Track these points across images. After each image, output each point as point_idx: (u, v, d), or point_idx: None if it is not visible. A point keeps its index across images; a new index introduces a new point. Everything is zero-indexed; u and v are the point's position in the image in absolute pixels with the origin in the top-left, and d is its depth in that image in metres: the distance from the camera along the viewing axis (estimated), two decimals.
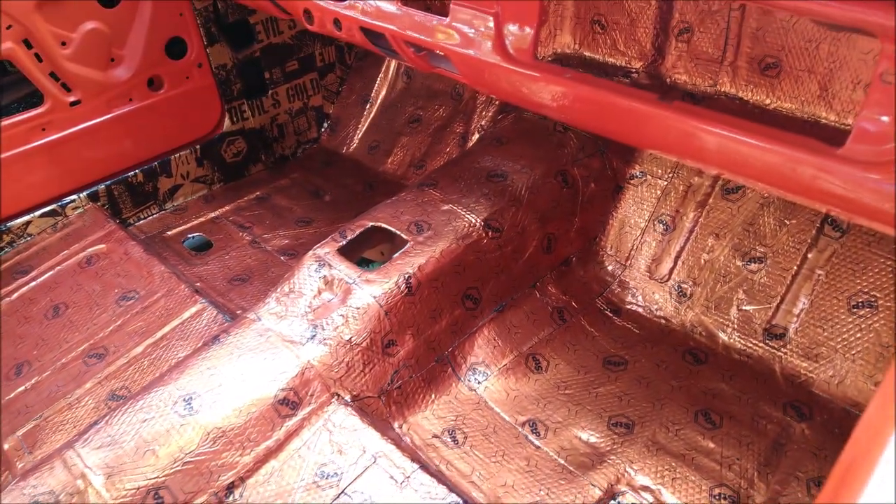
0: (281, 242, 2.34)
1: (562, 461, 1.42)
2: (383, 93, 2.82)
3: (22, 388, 1.68)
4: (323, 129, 2.93)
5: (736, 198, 1.67)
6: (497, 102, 2.32)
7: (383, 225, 1.71)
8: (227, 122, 2.64)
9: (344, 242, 1.68)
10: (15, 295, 2.00)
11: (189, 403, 1.34)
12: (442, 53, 1.33)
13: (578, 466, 1.41)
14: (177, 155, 2.52)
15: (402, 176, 2.58)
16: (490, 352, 1.66)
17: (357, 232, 1.70)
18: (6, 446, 1.53)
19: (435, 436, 1.50)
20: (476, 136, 2.37)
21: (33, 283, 2.03)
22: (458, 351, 1.64)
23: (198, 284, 1.96)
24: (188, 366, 1.43)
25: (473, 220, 1.67)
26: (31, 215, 2.24)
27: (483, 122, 2.36)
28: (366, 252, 1.81)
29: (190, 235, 2.42)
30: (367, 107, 2.84)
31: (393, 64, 2.79)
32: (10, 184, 2.17)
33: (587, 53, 1.81)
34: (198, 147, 2.57)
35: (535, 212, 1.75)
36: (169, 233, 2.42)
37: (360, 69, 2.88)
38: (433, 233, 1.65)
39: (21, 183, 2.20)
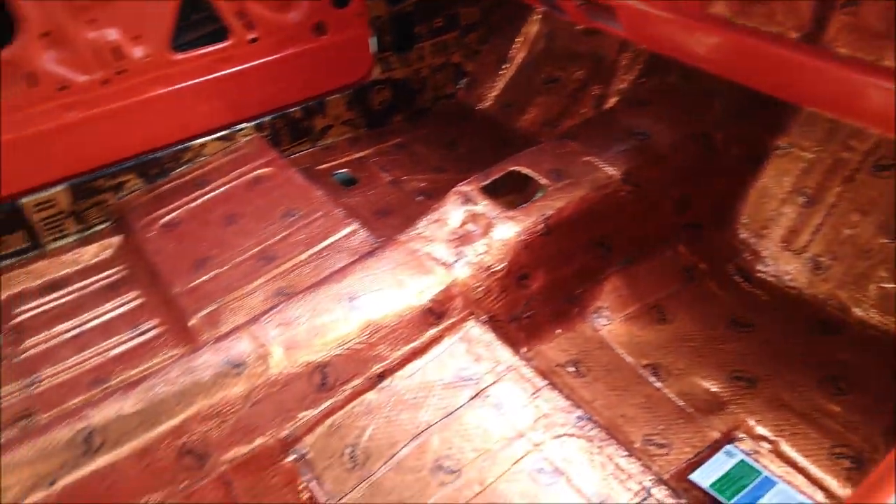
0: (418, 185, 2.53)
1: (681, 403, 1.53)
2: (523, 53, 2.93)
3: (203, 278, 1.97)
4: (459, 85, 3.08)
5: (888, 174, 1.68)
6: (639, 66, 2.39)
7: (524, 170, 1.85)
8: (377, 71, 2.83)
9: (487, 182, 1.84)
10: (194, 203, 2.30)
11: (351, 300, 1.55)
12: (605, 5, 1.43)
13: (698, 410, 1.51)
14: (332, 97, 2.75)
15: (536, 134, 2.71)
16: (616, 299, 1.78)
17: (499, 174, 1.85)
18: (192, 322, 1.82)
19: (559, 365, 1.65)
20: (614, 99, 2.46)
21: (210, 195, 2.33)
22: (586, 293, 1.77)
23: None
24: (350, 271, 1.65)
25: (612, 173, 1.79)
26: (208, 138, 2.53)
27: (623, 86, 2.44)
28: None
29: (338, 171, 2.66)
30: (506, 66, 2.96)
31: (535, 26, 2.90)
32: (193, 107, 2.47)
33: (740, 22, 1.85)
34: (349, 92, 2.79)
35: (673, 172, 1.84)
36: (319, 167, 2.67)
37: (502, 30, 3.00)
38: (572, 181, 1.78)
39: (201, 108, 2.50)
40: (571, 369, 1.64)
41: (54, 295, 2.21)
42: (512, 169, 1.87)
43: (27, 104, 2.16)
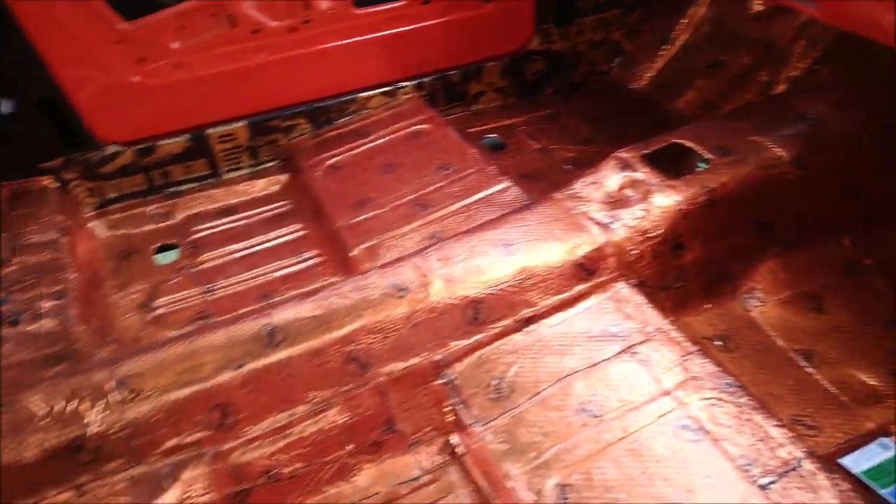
0: (566, 154, 2.57)
1: (834, 390, 1.50)
2: (686, 35, 2.89)
3: (364, 216, 2.12)
4: (614, 63, 3.07)
5: None
6: (815, 53, 2.30)
7: (687, 142, 1.85)
8: (534, 42, 2.88)
9: (648, 151, 1.85)
10: (358, 150, 2.46)
11: (506, 246, 1.63)
12: None
13: (852, 399, 1.48)
14: (489, 64, 2.83)
15: (692, 116, 2.67)
16: (771, 281, 1.76)
17: (661, 144, 1.86)
18: (354, 253, 1.97)
19: (705, 338, 1.66)
20: (783, 86, 2.38)
21: (371, 144, 2.48)
22: (741, 272, 1.76)
23: None
24: (506, 221, 1.73)
25: (780, 154, 1.76)
26: (372, 92, 2.68)
27: (794, 74, 2.36)
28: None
29: (487, 135, 2.74)
30: (666, 47, 2.93)
31: (702, 9, 2.84)
32: (364, 62, 2.62)
33: None
34: (506, 60, 2.85)
35: (846, 160, 1.78)
36: (469, 130, 2.76)
37: (666, 11, 2.96)
38: (738, 157, 1.76)
39: (370, 63, 2.65)
40: (719, 343, 1.64)
41: (227, 219, 2.45)
42: (674, 141, 1.87)
43: (225, 43, 2.39)
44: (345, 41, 2.57)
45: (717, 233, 1.72)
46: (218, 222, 2.44)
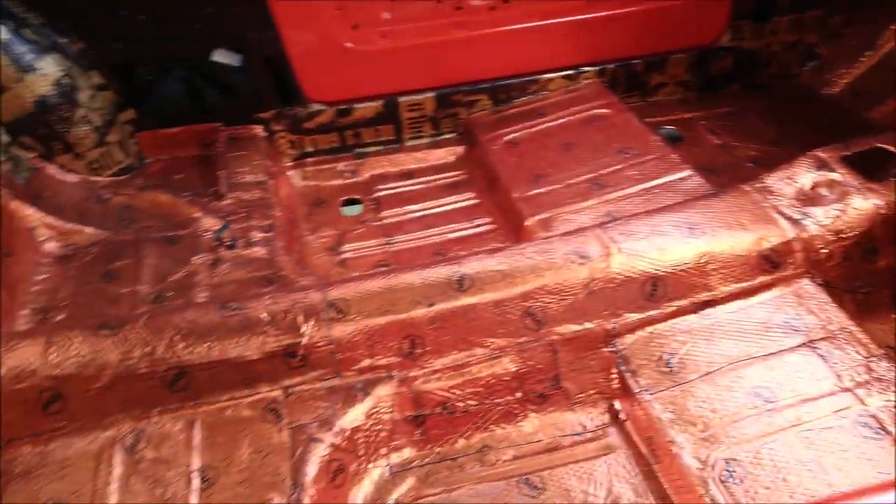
0: (748, 153, 2.52)
1: None
2: (893, 43, 2.71)
3: (539, 190, 2.21)
4: (806, 67, 2.94)
5: None
6: None
7: (892, 148, 1.77)
8: (725, 37, 2.82)
9: (848, 153, 1.80)
10: (536, 129, 2.56)
11: (690, 229, 1.66)
12: None
13: None
14: (675, 56, 2.81)
15: (889, 127, 2.51)
16: None
17: (863, 147, 1.80)
18: (528, 223, 2.07)
19: (889, 347, 1.60)
20: None
21: (550, 124, 2.57)
22: None
23: None
24: (690, 206, 1.75)
25: None
26: (554, 74, 2.76)
27: None
28: None
29: (664, 126, 2.74)
30: (868, 53, 2.77)
31: None
32: (551, 44, 2.70)
33: None
34: (694, 54, 2.82)
35: None
36: (647, 120, 2.76)
37: (873, 16, 2.79)
38: None
39: (557, 46, 2.72)
40: None
41: (407, 182, 2.63)
42: (879, 145, 1.80)
43: (430, 17, 2.56)
44: (537, 23, 2.67)
45: None
46: (398, 184, 2.63)
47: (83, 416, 1.43)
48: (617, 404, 1.58)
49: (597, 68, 2.79)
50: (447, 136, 2.79)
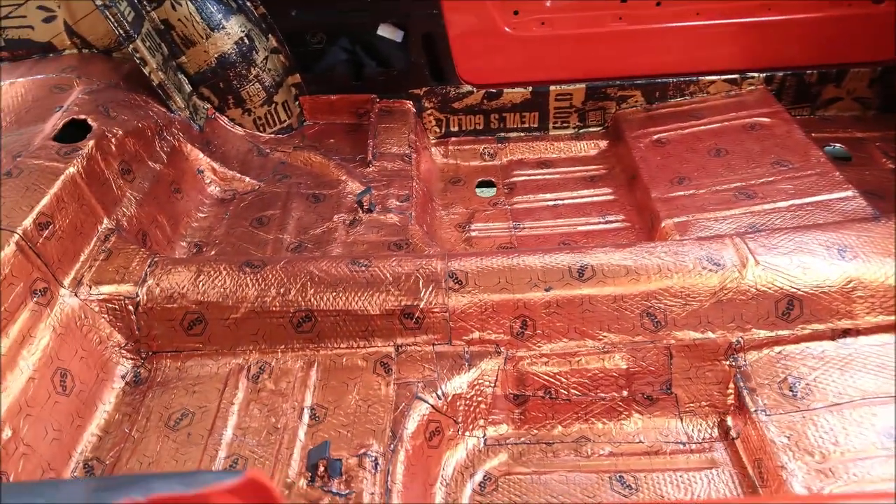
0: None
1: None
2: None
3: (680, 193, 2.13)
4: None
5: None
6: None
7: None
8: None
9: None
10: (687, 130, 2.46)
11: (840, 252, 1.54)
12: None
13: None
14: (855, 70, 2.59)
15: None
16: None
17: None
18: (664, 224, 2.00)
19: None
20: None
21: (703, 127, 2.46)
22: None
23: None
24: (846, 227, 1.63)
25: None
26: (716, 77, 2.63)
27: None
28: None
29: (831, 144, 2.53)
30: None
31: None
32: (716, 45, 2.58)
33: None
34: (879, 69, 2.58)
35: None
36: (813, 135, 2.57)
37: None
38: None
39: (723, 48, 2.60)
40: None
41: (544, 170, 2.63)
42: None
43: (592, 7, 2.54)
44: (705, 22, 2.56)
45: None
46: (535, 171, 2.64)
47: (218, 342, 1.58)
48: (729, 420, 1.51)
49: (764, 74, 2.63)
50: (593, 129, 2.76)
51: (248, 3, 2.50)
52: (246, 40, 2.45)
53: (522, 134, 2.78)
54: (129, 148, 1.91)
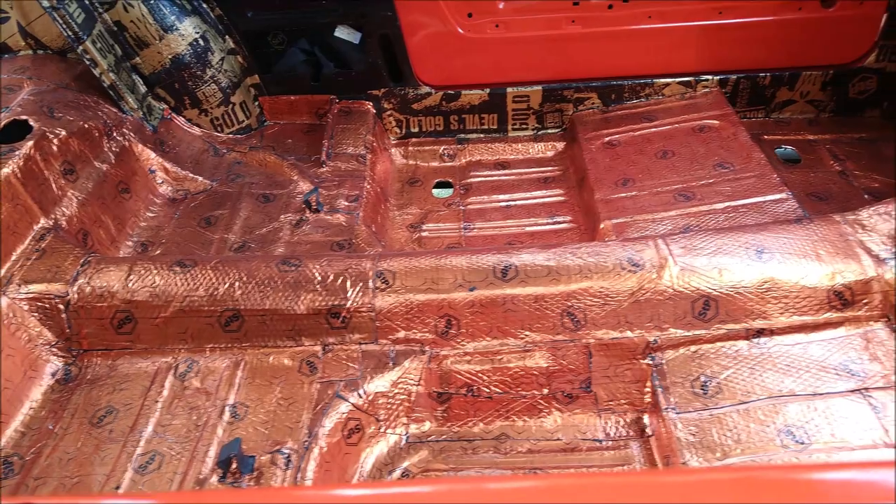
0: (870, 184, 2.31)
1: None
2: None
3: (623, 195, 2.16)
4: None
5: None
6: None
7: None
8: (871, 58, 2.58)
9: None
10: (638, 133, 2.49)
11: (759, 253, 1.57)
12: None
13: None
14: (807, 73, 2.61)
15: None
16: None
17: None
18: (602, 225, 2.03)
19: None
20: None
21: (654, 130, 2.49)
22: None
23: None
24: (768, 228, 1.65)
25: None
26: (671, 80, 2.66)
27: None
28: None
29: (783, 146, 2.56)
30: None
31: None
32: (671, 48, 2.60)
33: None
34: (830, 72, 2.61)
35: None
36: (765, 137, 2.60)
37: None
38: None
39: (677, 51, 2.62)
40: None
41: (500, 172, 2.66)
42: None
43: (545, 10, 2.56)
44: (658, 25, 2.59)
45: None
46: (492, 173, 2.67)
47: (148, 341, 1.61)
48: (646, 418, 1.54)
49: (718, 77, 2.66)
50: (551, 130, 2.79)
51: (205, 5, 2.53)
52: (201, 41, 2.47)
53: (482, 135, 2.80)
54: (72, 148, 1.94)
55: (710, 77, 2.65)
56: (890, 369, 1.40)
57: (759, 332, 1.52)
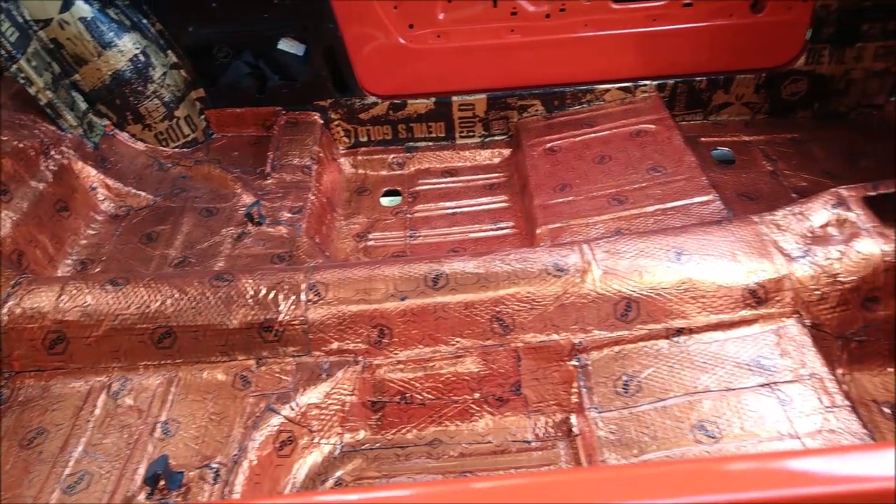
0: (798, 183, 2.39)
1: None
2: None
3: (560, 200, 2.21)
4: (893, 99, 2.73)
5: None
6: None
7: None
8: (801, 61, 2.67)
9: (873, 193, 1.69)
10: (579, 138, 2.55)
11: (678, 255, 1.63)
12: None
13: None
14: (741, 76, 2.69)
15: None
16: None
17: (892, 189, 1.69)
18: (539, 230, 2.08)
19: (873, 400, 1.51)
20: None
21: (593, 135, 2.55)
22: None
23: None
24: (688, 231, 1.71)
25: None
26: (611, 85, 2.72)
27: None
28: None
29: (718, 148, 2.64)
30: None
31: None
32: (610, 55, 2.67)
33: None
34: (763, 75, 2.69)
35: None
36: (702, 139, 2.68)
37: None
38: None
39: (616, 57, 2.68)
40: (887, 410, 1.48)
41: (448, 179, 2.70)
42: None
43: (484, 20, 2.61)
44: (595, 33, 2.65)
45: None
46: (440, 180, 2.70)
47: (80, 360, 1.62)
48: (573, 419, 1.58)
49: (657, 82, 2.73)
50: (498, 137, 2.83)
51: (145, 21, 2.53)
52: (141, 57, 2.48)
53: (430, 143, 2.84)
54: (6, 168, 1.93)
55: (648, 82, 2.72)
56: (799, 363, 1.47)
57: (679, 331, 1.58)
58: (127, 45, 2.44)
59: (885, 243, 1.55)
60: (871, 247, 1.55)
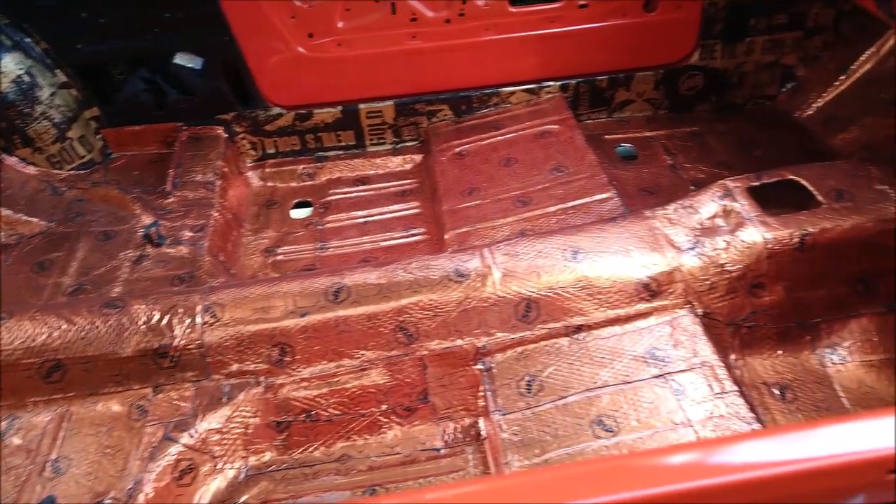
0: (696, 175, 2.48)
1: None
2: (868, 67, 2.63)
3: (468, 204, 2.23)
4: (784, 90, 2.86)
5: None
6: None
7: (803, 182, 1.73)
8: (695, 56, 2.77)
9: (756, 183, 1.77)
10: (486, 142, 2.57)
11: (574, 254, 1.66)
12: None
13: None
14: (640, 73, 2.78)
15: (849, 155, 2.44)
16: (861, 342, 1.62)
17: (773, 179, 1.76)
18: (447, 236, 2.09)
19: (764, 383, 1.57)
20: None
21: (500, 138, 2.57)
22: (825, 325, 1.64)
23: (613, 182, 2.26)
24: (584, 229, 1.75)
25: None
26: (516, 88, 2.76)
27: None
28: None
29: (622, 144, 2.71)
30: (842, 77, 2.69)
31: (892, 40, 2.57)
32: (512, 58, 2.70)
33: None
34: (660, 72, 2.78)
35: None
36: (606, 137, 2.75)
37: (852, 39, 2.70)
38: (852, 205, 1.63)
39: (519, 60, 2.72)
40: (776, 392, 1.55)
41: (360, 188, 2.68)
42: (790, 178, 1.77)
43: (384, 27, 2.60)
44: (496, 36, 2.67)
45: (806, 280, 1.61)
46: (351, 189, 2.68)
47: None
48: (481, 423, 1.59)
49: (560, 83, 2.78)
50: (409, 143, 2.83)
51: (28, 40, 2.41)
52: (26, 77, 2.36)
53: (341, 152, 2.81)
54: None
55: (552, 83, 2.76)
56: (691, 352, 1.51)
57: (579, 328, 1.61)
58: (9, 66, 2.32)
59: (767, 231, 1.62)
60: (754, 235, 1.61)
